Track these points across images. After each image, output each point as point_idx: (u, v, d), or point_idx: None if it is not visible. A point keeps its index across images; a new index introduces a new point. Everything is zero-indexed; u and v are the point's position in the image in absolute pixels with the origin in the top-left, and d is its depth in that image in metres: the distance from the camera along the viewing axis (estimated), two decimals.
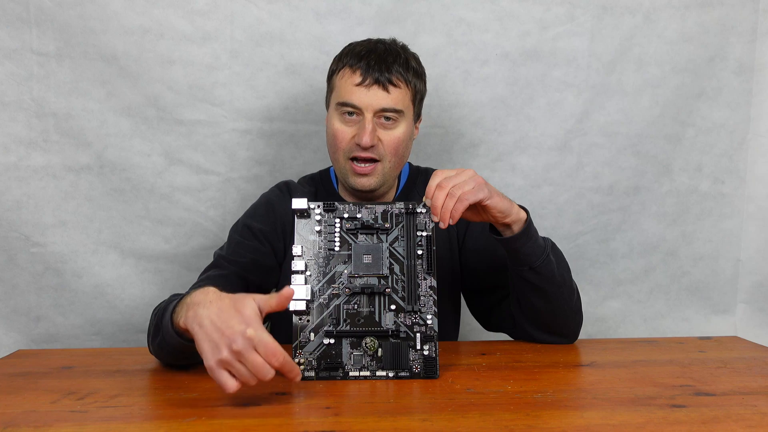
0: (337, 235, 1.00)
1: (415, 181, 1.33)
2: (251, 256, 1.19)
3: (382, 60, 1.17)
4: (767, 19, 1.62)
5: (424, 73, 1.25)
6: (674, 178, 1.67)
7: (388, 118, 1.18)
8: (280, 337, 1.27)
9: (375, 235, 1.00)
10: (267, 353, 0.81)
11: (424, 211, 1.01)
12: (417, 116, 1.27)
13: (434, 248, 1.00)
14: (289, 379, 0.84)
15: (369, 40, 1.23)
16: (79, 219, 1.50)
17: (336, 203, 1.01)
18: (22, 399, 0.87)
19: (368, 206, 1.01)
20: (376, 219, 1.01)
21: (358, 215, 1.01)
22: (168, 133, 1.51)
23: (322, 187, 1.32)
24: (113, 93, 1.47)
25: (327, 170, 1.35)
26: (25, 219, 1.47)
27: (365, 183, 1.20)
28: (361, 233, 1.00)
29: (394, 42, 1.24)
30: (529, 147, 1.62)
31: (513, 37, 1.57)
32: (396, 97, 1.17)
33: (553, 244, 1.16)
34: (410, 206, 1.01)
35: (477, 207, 1.03)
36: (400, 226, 1.01)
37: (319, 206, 1.01)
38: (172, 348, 0.96)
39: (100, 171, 1.49)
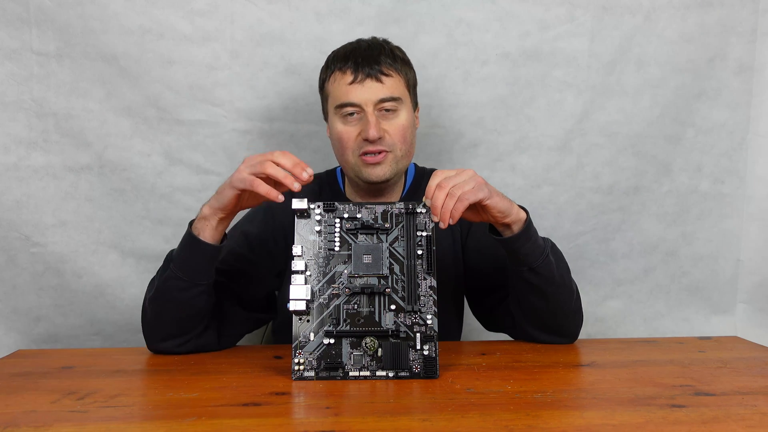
0: (337, 235, 1.00)
1: (421, 182, 1.33)
2: (238, 266, 1.19)
3: (369, 54, 1.19)
4: (767, 19, 1.62)
5: (411, 62, 1.27)
6: (674, 178, 1.67)
7: (388, 109, 1.19)
8: (281, 338, 1.27)
9: (375, 235, 1.00)
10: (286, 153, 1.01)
11: (424, 211, 1.01)
12: (414, 104, 1.28)
13: (434, 248, 1.00)
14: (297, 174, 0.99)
15: (349, 43, 1.25)
16: (79, 219, 1.50)
17: (336, 203, 1.01)
18: (22, 399, 0.87)
19: (368, 206, 1.01)
20: (376, 219, 1.01)
21: (358, 215, 1.01)
22: (168, 133, 1.50)
23: (327, 186, 1.32)
24: (113, 93, 1.47)
25: (333, 170, 1.35)
26: (25, 219, 1.47)
27: (379, 173, 1.20)
28: (361, 233, 1.00)
29: (374, 38, 1.26)
30: (529, 147, 1.62)
31: (513, 37, 1.56)
32: (391, 85, 1.19)
33: (553, 245, 1.16)
34: (410, 206, 1.01)
35: (477, 207, 1.03)
36: (400, 226, 1.01)
37: (319, 206, 1.01)
38: (185, 281, 1.06)
39: (101, 171, 1.49)
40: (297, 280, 0.98)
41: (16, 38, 1.42)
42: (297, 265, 0.99)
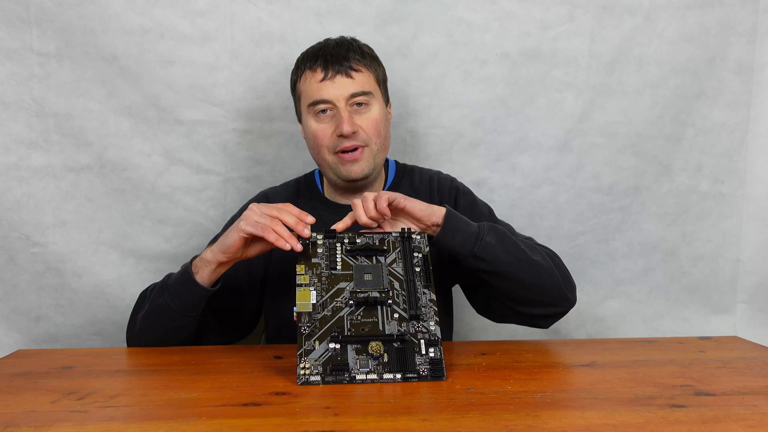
0: (338, 257, 1.03)
1: (402, 179, 1.34)
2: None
3: (337, 52, 1.22)
4: (767, 19, 1.62)
5: (379, 59, 1.29)
6: (674, 178, 1.67)
7: (360, 104, 1.21)
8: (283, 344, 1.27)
9: (374, 258, 1.04)
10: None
11: (419, 237, 1.06)
12: (386, 99, 1.30)
13: (431, 268, 1.03)
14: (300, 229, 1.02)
15: (317, 43, 1.27)
16: (79, 219, 1.50)
17: (335, 232, 1.05)
18: (22, 399, 0.87)
19: (366, 235, 1.06)
20: (374, 243, 1.05)
21: (358, 240, 1.05)
22: (168, 133, 1.50)
23: (305, 188, 1.34)
24: (113, 93, 1.47)
25: (312, 172, 1.37)
26: (25, 219, 1.47)
27: (357, 170, 1.22)
28: (360, 255, 1.04)
29: (342, 37, 1.28)
30: (529, 147, 1.62)
31: (513, 37, 1.56)
32: (361, 80, 1.21)
33: (494, 226, 1.13)
34: (405, 233, 1.06)
35: (406, 218, 1.08)
36: (397, 251, 1.05)
37: (319, 238, 1.05)
38: (174, 309, 1.10)
39: (101, 171, 1.49)
40: (302, 285, 1.00)
41: (16, 38, 1.42)
42: (300, 279, 1.00)
